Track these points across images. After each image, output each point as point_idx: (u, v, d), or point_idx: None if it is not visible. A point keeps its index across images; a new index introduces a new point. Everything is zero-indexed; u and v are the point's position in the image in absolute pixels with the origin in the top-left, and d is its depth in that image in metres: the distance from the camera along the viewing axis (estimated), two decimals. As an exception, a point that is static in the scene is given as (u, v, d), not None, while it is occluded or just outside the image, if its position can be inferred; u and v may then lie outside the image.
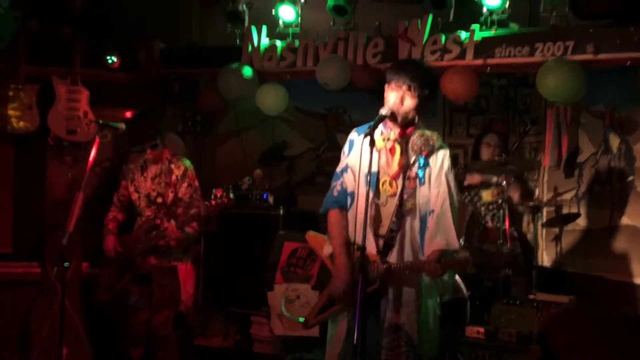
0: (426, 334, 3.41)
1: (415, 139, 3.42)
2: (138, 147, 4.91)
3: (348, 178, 3.50)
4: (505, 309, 4.91)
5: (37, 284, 5.16)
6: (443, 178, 3.40)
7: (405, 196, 3.39)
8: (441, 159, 3.43)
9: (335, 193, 3.54)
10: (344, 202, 3.50)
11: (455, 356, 4.65)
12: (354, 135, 3.56)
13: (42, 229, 5.45)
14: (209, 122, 6.50)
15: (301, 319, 4.34)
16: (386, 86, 3.48)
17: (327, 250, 3.57)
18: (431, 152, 3.41)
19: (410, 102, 3.40)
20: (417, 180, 3.40)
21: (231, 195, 4.50)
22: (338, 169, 3.59)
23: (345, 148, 3.58)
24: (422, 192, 3.40)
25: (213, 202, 4.47)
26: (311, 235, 3.72)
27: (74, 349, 4.94)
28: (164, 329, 4.81)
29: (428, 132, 3.44)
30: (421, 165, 3.41)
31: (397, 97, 3.39)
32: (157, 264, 4.78)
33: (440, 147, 3.44)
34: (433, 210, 3.37)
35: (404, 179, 3.41)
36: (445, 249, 3.33)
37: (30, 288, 5.16)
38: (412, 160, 3.42)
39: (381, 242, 3.42)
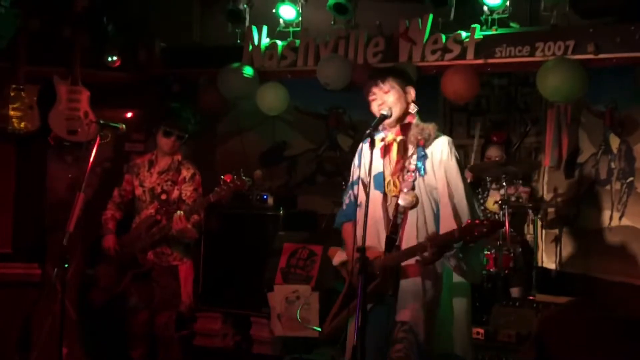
0: (438, 330, 3.34)
1: (412, 131, 3.42)
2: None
3: (357, 189, 3.53)
4: (505, 310, 4.91)
5: (37, 285, 5.15)
6: (444, 168, 3.36)
7: (404, 189, 3.36)
8: (439, 148, 3.39)
9: (344, 207, 3.63)
10: (353, 215, 3.50)
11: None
12: (361, 145, 3.60)
13: (42, 229, 5.45)
14: (209, 122, 6.50)
15: (317, 328, 4.44)
16: None
17: (337, 258, 3.63)
18: (428, 141, 3.39)
19: (389, 97, 3.42)
20: (417, 172, 3.37)
21: (243, 177, 4.48)
22: (349, 182, 3.65)
23: (355, 159, 3.63)
24: (427, 182, 3.37)
25: (224, 188, 4.46)
26: (332, 249, 3.77)
27: (74, 350, 4.94)
28: (166, 330, 4.79)
29: (424, 124, 3.44)
30: (420, 156, 3.39)
31: (378, 100, 3.44)
32: (157, 262, 4.75)
33: (438, 137, 3.42)
34: (441, 201, 3.34)
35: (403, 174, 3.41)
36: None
37: (30, 289, 5.14)
38: (410, 153, 3.40)
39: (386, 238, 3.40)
